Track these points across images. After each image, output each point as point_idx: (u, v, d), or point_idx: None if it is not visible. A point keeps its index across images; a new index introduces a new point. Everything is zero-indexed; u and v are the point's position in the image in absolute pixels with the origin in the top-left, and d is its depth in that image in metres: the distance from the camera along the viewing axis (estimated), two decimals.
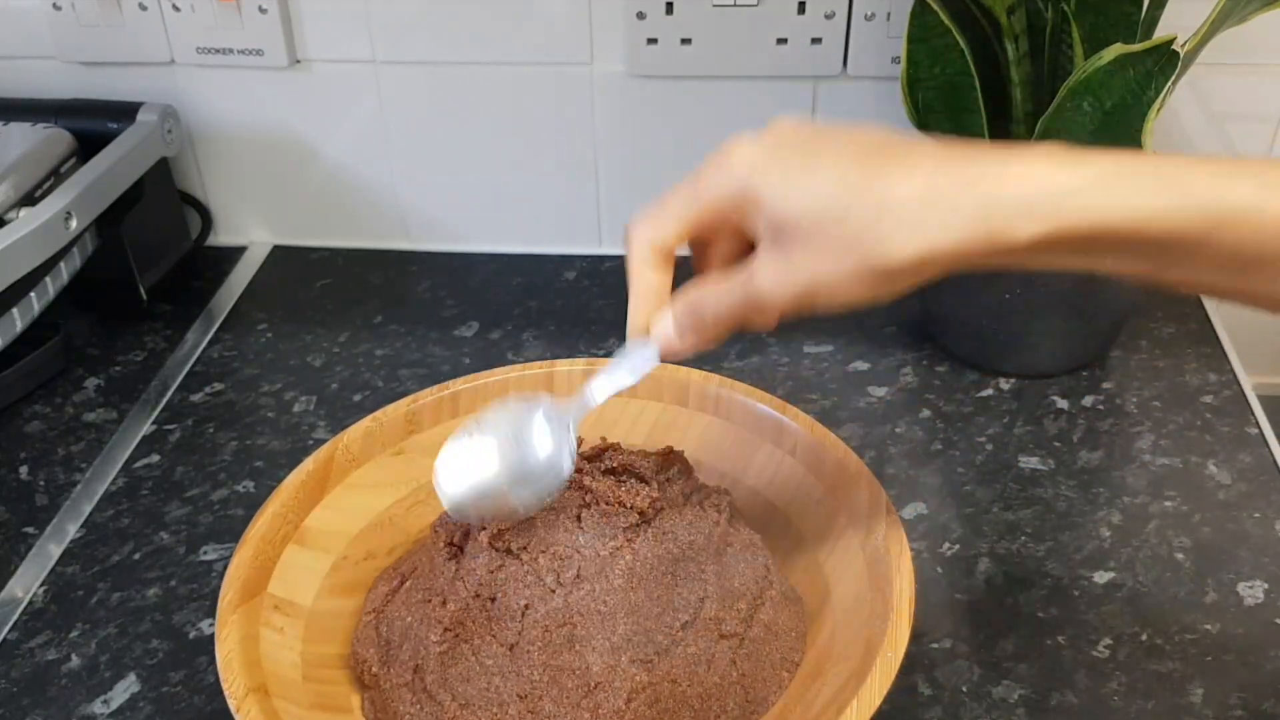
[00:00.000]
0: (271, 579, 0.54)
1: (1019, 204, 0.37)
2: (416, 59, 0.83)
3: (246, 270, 0.90)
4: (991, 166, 0.38)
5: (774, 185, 0.41)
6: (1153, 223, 0.37)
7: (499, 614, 0.50)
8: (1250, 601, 0.60)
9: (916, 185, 0.38)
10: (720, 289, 0.44)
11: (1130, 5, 0.64)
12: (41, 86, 0.85)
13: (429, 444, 0.61)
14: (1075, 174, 0.37)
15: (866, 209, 0.39)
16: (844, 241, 0.39)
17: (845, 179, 0.39)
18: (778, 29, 0.79)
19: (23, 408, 0.76)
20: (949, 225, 0.38)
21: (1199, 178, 0.37)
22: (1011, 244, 0.38)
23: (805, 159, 0.41)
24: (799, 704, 0.51)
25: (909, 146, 0.40)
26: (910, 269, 0.39)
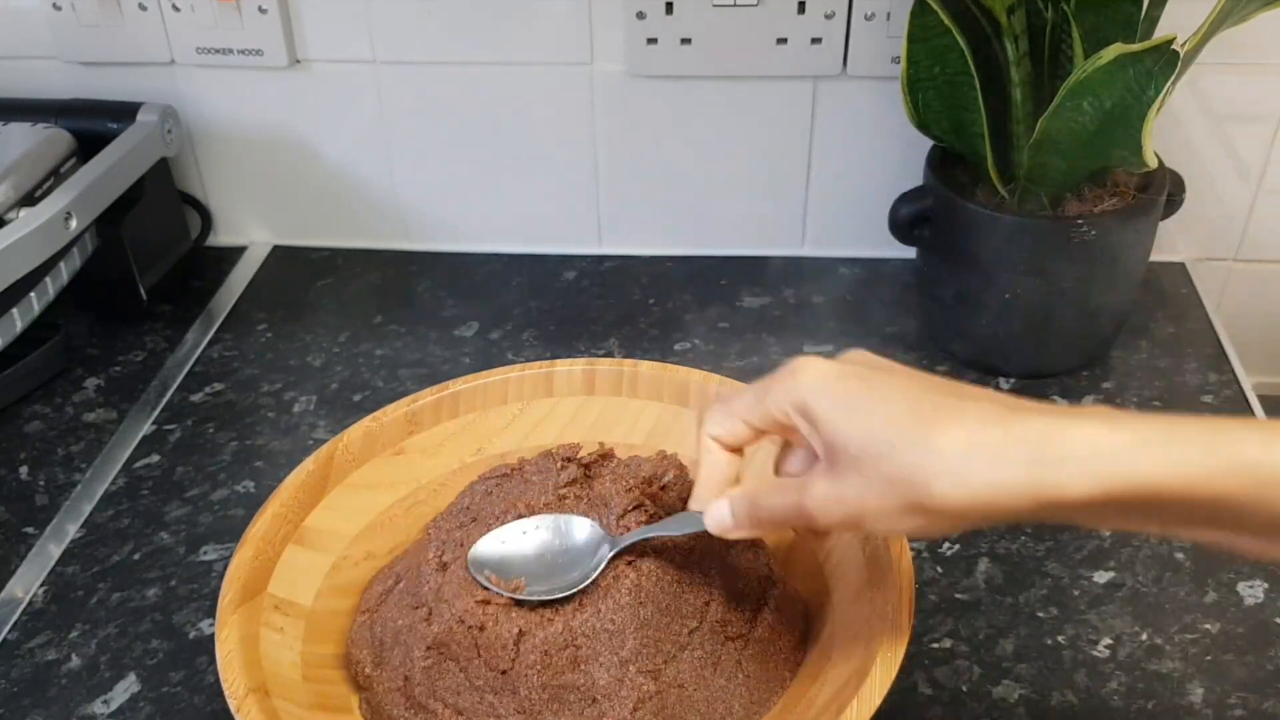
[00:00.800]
0: (272, 579, 0.53)
1: (1067, 463, 0.38)
2: (416, 59, 0.83)
3: (246, 270, 0.90)
4: (1040, 424, 0.39)
5: (829, 409, 0.42)
6: (1203, 484, 0.37)
7: (488, 642, 0.50)
8: (1250, 601, 0.60)
9: (962, 435, 0.39)
10: (777, 494, 0.46)
11: (1130, 5, 0.64)
12: (41, 86, 0.85)
13: (429, 444, 0.61)
14: (1125, 435, 0.37)
15: (911, 450, 0.40)
16: (889, 477, 0.40)
17: (896, 416, 0.41)
18: (778, 29, 0.79)
19: (23, 408, 0.76)
20: (993, 479, 0.38)
21: (1249, 440, 0.36)
22: (1059, 501, 0.38)
23: (864, 390, 0.42)
24: (799, 703, 0.51)
25: (964, 396, 0.42)
26: (953, 515, 0.40)
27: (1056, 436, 0.38)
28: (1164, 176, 0.71)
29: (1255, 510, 0.37)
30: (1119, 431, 0.38)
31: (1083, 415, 0.39)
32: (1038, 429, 0.38)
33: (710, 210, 0.88)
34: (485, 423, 0.63)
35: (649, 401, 0.63)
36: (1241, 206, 0.85)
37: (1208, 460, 0.36)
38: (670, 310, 0.84)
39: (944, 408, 0.40)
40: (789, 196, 0.87)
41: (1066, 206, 0.70)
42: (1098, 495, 0.37)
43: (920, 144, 0.75)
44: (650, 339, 0.81)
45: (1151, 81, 0.60)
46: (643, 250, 0.90)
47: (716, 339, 0.81)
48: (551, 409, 0.63)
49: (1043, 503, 0.38)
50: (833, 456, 0.43)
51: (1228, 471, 0.36)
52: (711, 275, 0.88)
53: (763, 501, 0.46)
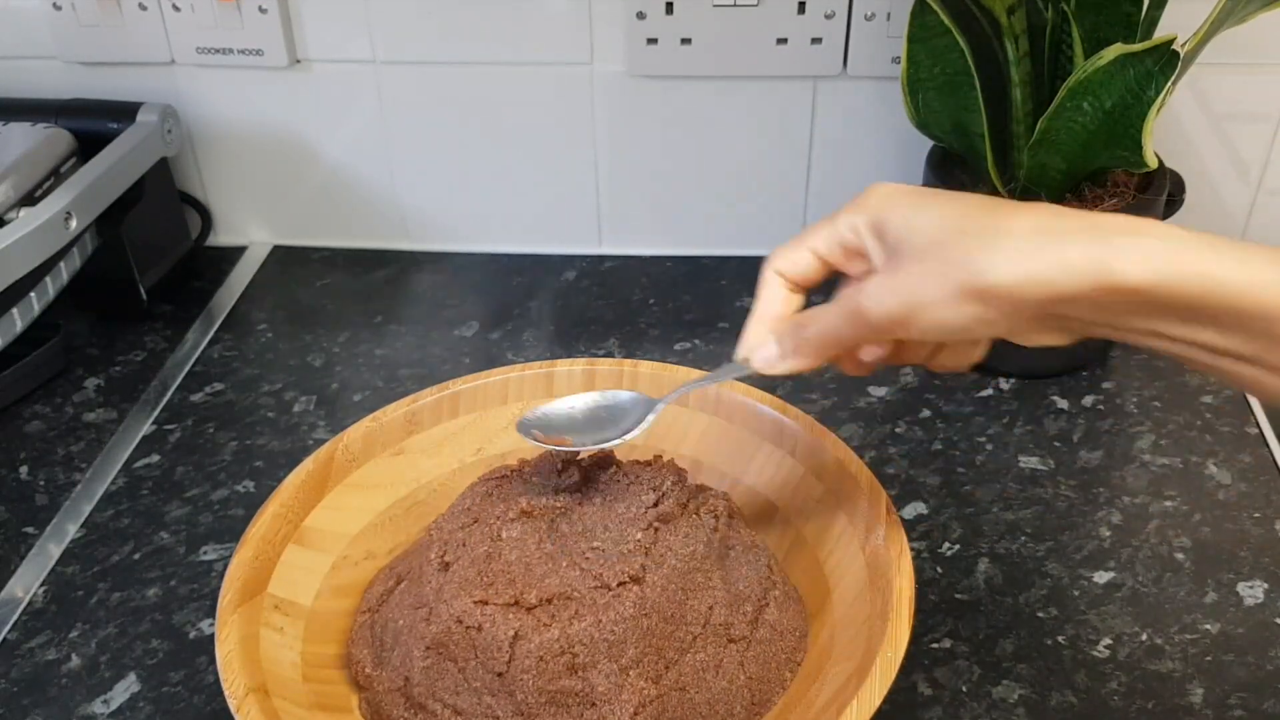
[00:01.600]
0: (272, 579, 0.53)
1: (1133, 251, 0.38)
2: (416, 59, 0.83)
3: (246, 270, 0.90)
4: (1110, 220, 0.39)
5: (900, 211, 0.43)
6: (1259, 292, 0.37)
7: (484, 643, 0.49)
8: (1250, 601, 0.60)
9: (1032, 219, 0.40)
10: (824, 308, 0.46)
11: (1130, 5, 0.64)
12: (42, 86, 0.85)
13: (429, 444, 0.61)
14: (1192, 238, 0.38)
15: (981, 231, 0.40)
16: (952, 259, 0.40)
17: (967, 208, 0.42)
18: (778, 29, 0.79)
19: (23, 408, 0.76)
20: (1056, 256, 0.38)
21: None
22: (1121, 286, 0.38)
23: (937, 195, 0.44)
24: (800, 703, 0.51)
25: (1033, 203, 0.42)
26: (1010, 294, 0.39)
27: (1126, 229, 0.38)
28: (1164, 176, 0.71)
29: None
30: (1191, 236, 0.38)
31: (1155, 221, 0.39)
32: (1106, 219, 0.39)
33: (710, 210, 0.88)
34: (485, 423, 0.63)
35: None
36: (1241, 206, 0.85)
37: (1267, 270, 0.37)
38: (670, 310, 0.84)
39: (1014, 205, 0.41)
40: (789, 196, 0.87)
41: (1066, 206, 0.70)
42: (1156, 284, 0.37)
43: (920, 144, 0.75)
44: (650, 339, 0.81)
45: (1151, 82, 0.60)
46: (643, 250, 0.90)
47: (716, 339, 0.81)
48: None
49: (1103, 287, 0.38)
50: (894, 254, 0.43)
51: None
52: (711, 275, 0.88)
53: (810, 319, 0.46)
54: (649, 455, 0.60)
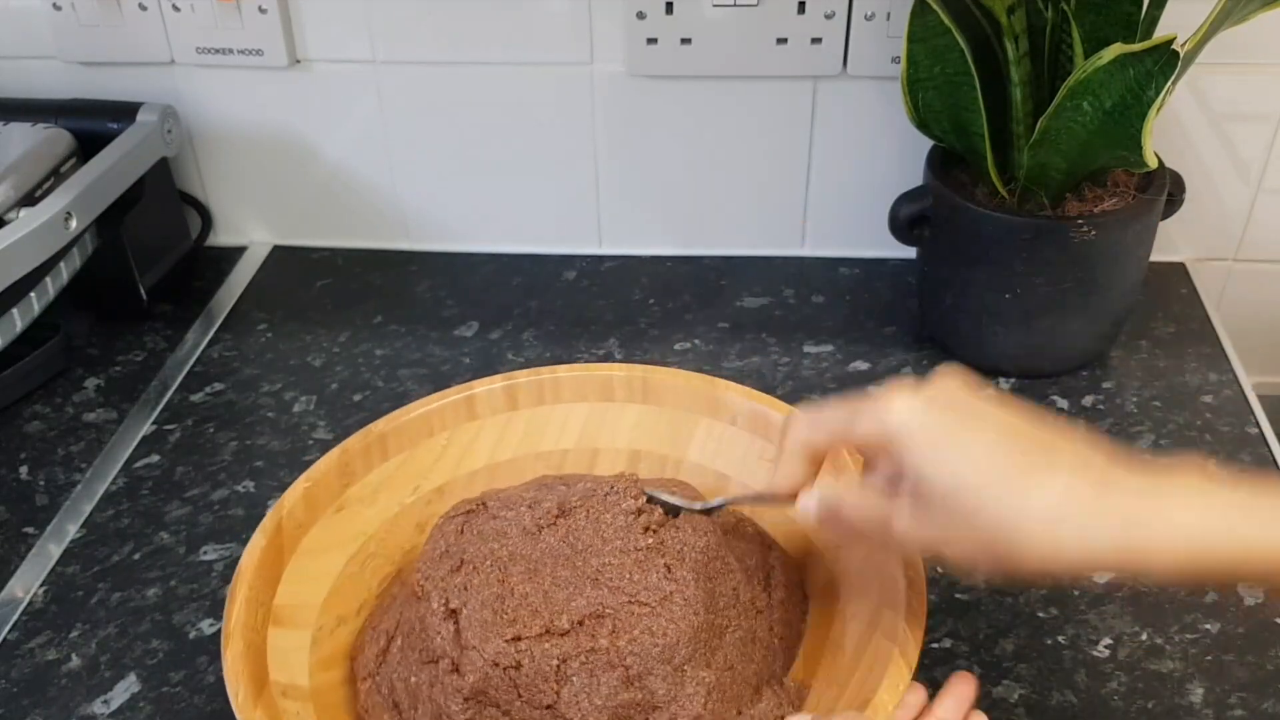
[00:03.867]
0: (269, 666, 0.51)
1: (1156, 537, 0.38)
2: (416, 59, 0.83)
3: (246, 270, 0.90)
4: (1133, 495, 0.40)
5: (921, 449, 0.43)
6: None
7: (527, 679, 0.48)
8: (1250, 601, 0.60)
9: (1053, 498, 0.40)
10: (864, 507, 0.47)
11: (1130, 5, 0.64)
12: (41, 86, 0.85)
13: (366, 493, 0.59)
14: (1215, 512, 0.38)
15: (1001, 507, 0.41)
16: (976, 530, 0.41)
17: (986, 465, 0.41)
18: (778, 29, 0.79)
19: (23, 408, 0.76)
20: (1081, 545, 0.39)
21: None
22: (1144, 569, 0.39)
23: (954, 430, 0.43)
24: (826, 645, 0.53)
25: (1055, 449, 0.42)
26: (1036, 570, 0.41)
27: (1148, 510, 0.39)
28: (1164, 176, 0.71)
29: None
30: (1210, 507, 0.38)
31: (1175, 489, 0.39)
32: (1130, 501, 0.39)
33: (710, 210, 0.88)
34: (416, 460, 0.61)
35: (574, 404, 0.63)
36: (1241, 206, 0.85)
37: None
38: (670, 310, 0.84)
39: (1035, 462, 0.41)
40: (789, 196, 0.87)
41: (1066, 206, 0.70)
42: (1185, 566, 0.38)
43: (920, 144, 0.75)
44: (650, 339, 0.81)
45: (1151, 81, 0.60)
46: (643, 250, 0.90)
47: (716, 339, 0.81)
48: (477, 432, 0.62)
49: (1128, 569, 0.40)
50: (919, 492, 0.43)
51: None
52: (711, 275, 0.88)
53: (848, 510, 0.47)
54: (588, 458, 0.61)
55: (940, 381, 0.45)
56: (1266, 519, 0.38)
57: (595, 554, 0.52)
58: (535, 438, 0.62)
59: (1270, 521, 0.38)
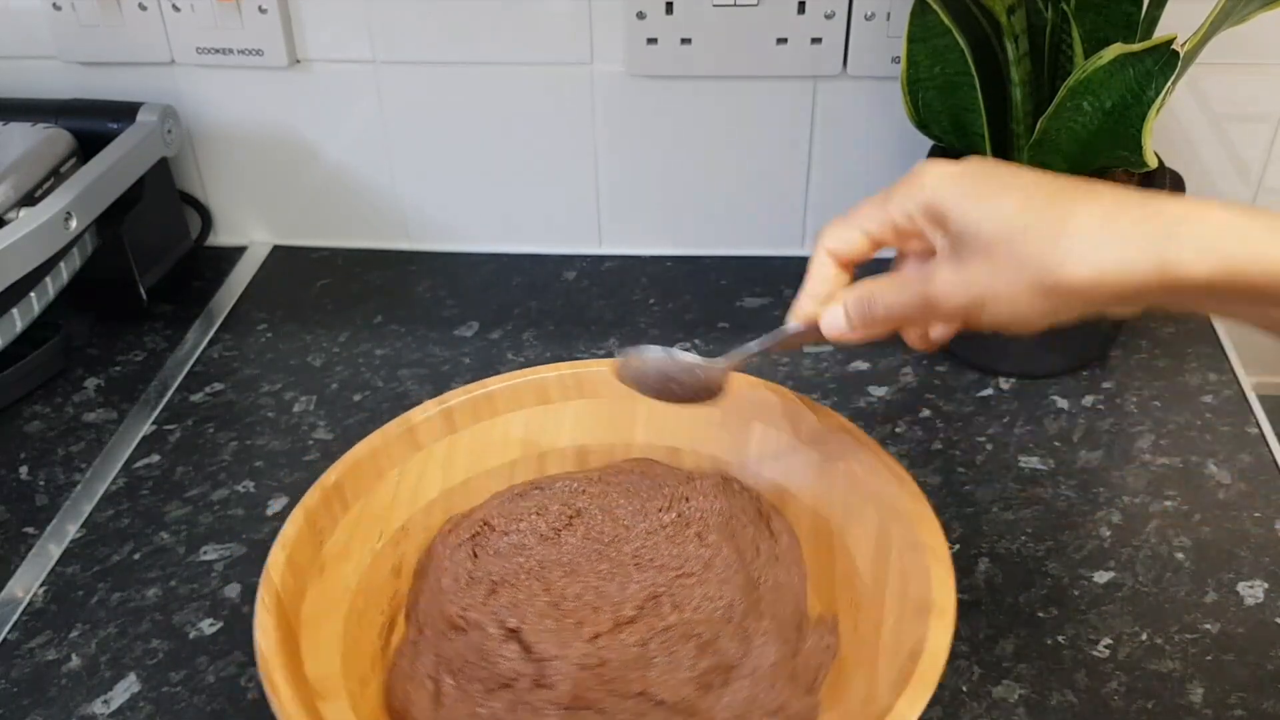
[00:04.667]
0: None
1: (1196, 241, 0.38)
2: (416, 59, 0.83)
3: (246, 270, 0.90)
4: (1173, 206, 0.39)
5: (959, 199, 0.43)
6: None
7: (616, 673, 0.49)
8: (1250, 601, 0.60)
9: (1096, 212, 0.40)
10: (894, 286, 0.47)
11: (1130, 5, 0.64)
12: (41, 86, 0.85)
13: (338, 548, 0.56)
14: (1254, 221, 0.38)
15: (1046, 228, 0.40)
16: (1021, 257, 0.41)
17: (1029, 200, 0.41)
18: (778, 29, 0.79)
19: (23, 408, 0.76)
20: (1124, 254, 0.39)
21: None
22: (1185, 279, 0.38)
23: (992, 181, 0.43)
24: (829, 577, 0.56)
25: (1092, 183, 0.42)
26: (1081, 291, 0.40)
27: (1189, 217, 0.38)
28: (1164, 176, 0.71)
29: None
30: (1247, 218, 0.38)
31: (1210, 203, 0.39)
32: (1170, 211, 0.39)
33: (710, 210, 0.88)
34: (374, 504, 0.58)
35: (511, 414, 0.62)
36: None
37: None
38: (670, 310, 0.84)
39: (1076, 192, 0.41)
40: (789, 196, 0.87)
41: None
42: (1222, 275, 0.38)
43: (920, 144, 0.75)
44: (650, 339, 0.81)
45: (1151, 81, 0.60)
46: (643, 250, 0.90)
47: (716, 339, 0.81)
48: (425, 462, 0.60)
49: (1168, 282, 0.38)
50: (959, 245, 0.43)
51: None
52: (711, 275, 0.88)
53: (880, 297, 0.47)
54: (535, 464, 0.62)
55: (970, 159, 0.45)
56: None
57: (624, 541, 0.53)
58: (480, 455, 0.61)
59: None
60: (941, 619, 0.48)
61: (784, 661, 0.51)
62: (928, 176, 0.45)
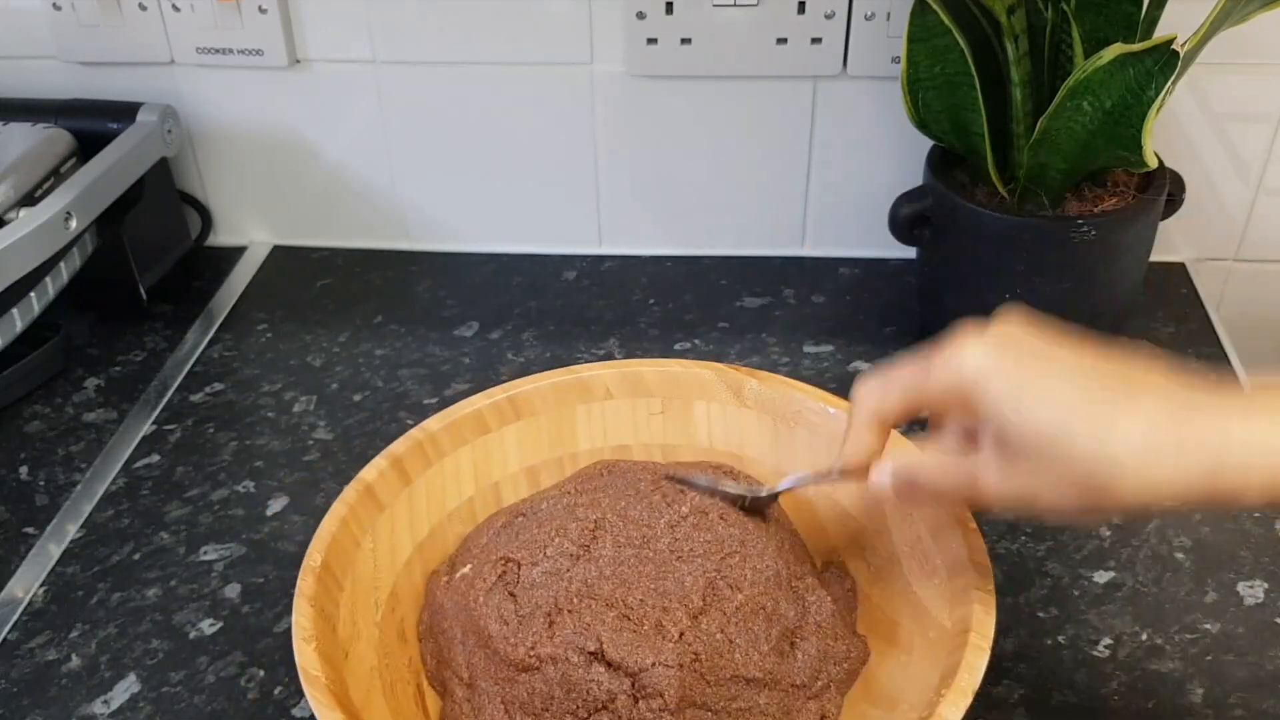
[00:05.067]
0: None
1: (1245, 466, 0.38)
2: (416, 59, 0.83)
3: (246, 270, 0.90)
4: (1218, 424, 0.39)
5: (1000, 400, 0.42)
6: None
7: (708, 665, 0.49)
8: (1250, 601, 0.60)
9: (1138, 435, 0.39)
10: (942, 470, 0.46)
11: (1130, 5, 0.64)
12: (41, 86, 0.85)
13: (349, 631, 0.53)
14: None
15: (1090, 448, 0.40)
16: (1067, 475, 0.41)
17: (1068, 409, 0.41)
18: (778, 29, 0.79)
19: (22, 408, 0.76)
20: (1173, 479, 0.39)
21: None
22: (1234, 503, 0.39)
23: (1034, 377, 0.42)
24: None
25: (1135, 385, 0.41)
26: (1130, 505, 0.40)
27: (1235, 441, 0.38)
28: (1164, 176, 0.71)
29: None
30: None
31: (1260, 412, 0.39)
32: (1216, 431, 0.39)
33: (710, 210, 0.88)
34: (359, 577, 0.55)
35: (458, 451, 0.61)
36: (1241, 206, 0.85)
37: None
38: (670, 310, 0.84)
39: (1117, 401, 0.40)
40: (789, 196, 0.87)
41: (1066, 206, 0.70)
42: (1274, 497, 0.38)
43: (920, 144, 0.75)
44: (650, 339, 0.81)
45: (1151, 81, 0.60)
46: (643, 250, 0.90)
47: (716, 339, 0.81)
48: (390, 522, 0.57)
49: (1219, 501, 0.39)
50: (1004, 446, 0.43)
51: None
52: (711, 275, 0.88)
53: (925, 475, 0.47)
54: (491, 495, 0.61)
55: (1006, 324, 0.44)
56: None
57: (655, 539, 0.53)
58: (438, 501, 0.60)
59: None
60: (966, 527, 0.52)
61: (838, 611, 0.54)
62: (968, 361, 0.43)
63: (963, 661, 0.47)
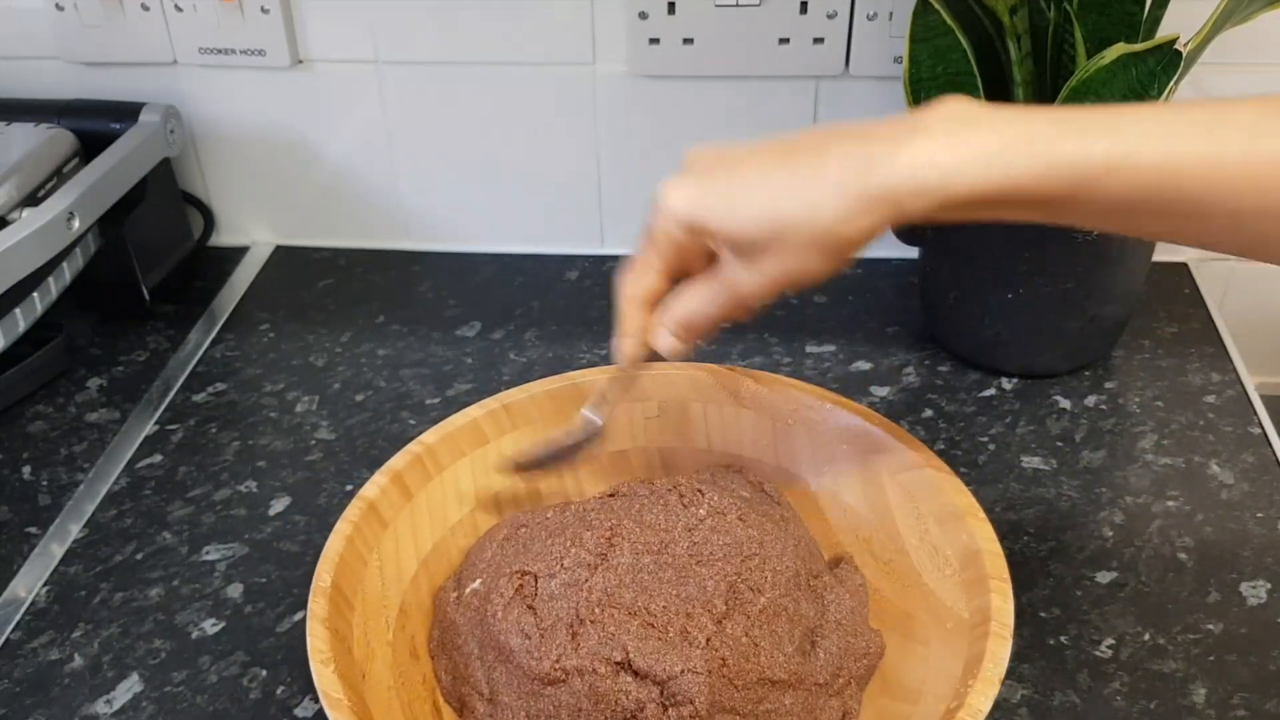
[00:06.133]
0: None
1: (910, 186, 0.43)
2: (418, 59, 0.83)
3: (249, 270, 0.90)
4: (885, 149, 0.43)
5: (716, 214, 0.47)
6: (1025, 188, 0.41)
7: (736, 668, 0.50)
8: (1253, 601, 0.60)
9: (830, 183, 0.44)
10: (705, 297, 0.50)
11: (1133, 4, 0.64)
12: (44, 87, 0.85)
13: (363, 652, 0.53)
14: (956, 153, 0.42)
15: (803, 213, 0.45)
16: (799, 243, 0.45)
17: (773, 191, 0.46)
18: (780, 29, 0.79)
19: (25, 408, 0.76)
20: (867, 211, 0.44)
21: (1065, 140, 0.41)
22: (912, 216, 0.43)
23: (731, 182, 0.47)
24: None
25: (813, 140, 0.46)
26: (857, 243, 0.45)
27: (899, 163, 0.43)
28: None
29: (1076, 202, 0.42)
30: (949, 150, 0.42)
31: (921, 133, 0.43)
32: (882, 158, 0.43)
33: None
34: (368, 597, 0.54)
35: (457, 464, 0.60)
36: None
37: (1027, 167, 0.41)
38: None
39: (805, 164, 0.45)
40: None
41: None
42: (940, 206, 0.43)
43: None
44: None
45: (1154, 81, 0.60)
46: None
47: (718, 339, 0.81)
48: (395, 540, 0.57)
49: (902, 219, 0.44)
50: (739, 250, 0.47)
51: (1044, 174, 0.41)
52: None
53: (695, 310, 0.50)
54: (492, 506, 0.61)
55: (692, 154, 0.50)
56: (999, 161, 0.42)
57: (673, 544, 0.53)
58: (440, 516, 0.59)
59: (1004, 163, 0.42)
60: (975, 518, 0.53)
61: (856, 607, 0.55)
62: (673, 201, 0.48)
63: (986, 651, 0.47)
